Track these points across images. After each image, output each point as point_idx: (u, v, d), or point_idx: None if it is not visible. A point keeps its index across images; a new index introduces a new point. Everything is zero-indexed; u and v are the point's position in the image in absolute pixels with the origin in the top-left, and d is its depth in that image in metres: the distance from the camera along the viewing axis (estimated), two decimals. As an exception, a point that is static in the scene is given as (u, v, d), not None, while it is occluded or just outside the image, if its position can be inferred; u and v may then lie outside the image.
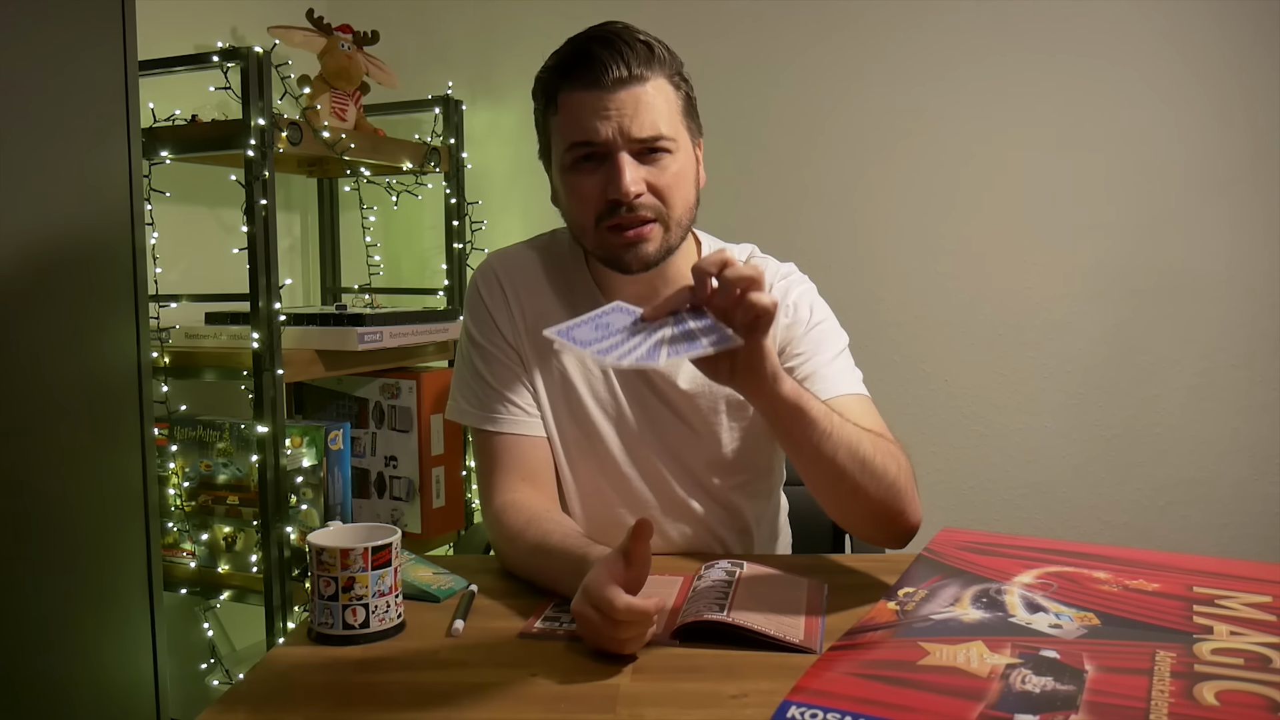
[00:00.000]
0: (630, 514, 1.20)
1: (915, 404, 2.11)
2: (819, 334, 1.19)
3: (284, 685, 0.83)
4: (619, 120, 1.06)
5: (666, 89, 1.10)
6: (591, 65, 1.06)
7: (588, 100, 1.07)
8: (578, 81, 1.07)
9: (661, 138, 1.08)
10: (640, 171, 1.08)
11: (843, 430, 0.99)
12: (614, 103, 1.06)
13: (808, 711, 0.68)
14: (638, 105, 1.07)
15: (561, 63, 1.10)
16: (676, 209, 1.11)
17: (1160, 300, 2.00)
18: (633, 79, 1.07)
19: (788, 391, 0.94)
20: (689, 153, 1.13)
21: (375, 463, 2.04)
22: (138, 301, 1.29)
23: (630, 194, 1.07)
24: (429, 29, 2.31)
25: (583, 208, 1.11)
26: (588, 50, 1.07)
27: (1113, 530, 2.04)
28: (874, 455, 1.01)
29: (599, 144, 1.07)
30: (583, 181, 1.10)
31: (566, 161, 1.10)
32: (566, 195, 1.13)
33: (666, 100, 1.09)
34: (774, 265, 1.25)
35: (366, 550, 0.89)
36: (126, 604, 1.28)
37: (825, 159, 2.12)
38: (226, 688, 1.55)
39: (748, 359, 0.91)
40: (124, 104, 1.26)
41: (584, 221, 1.12)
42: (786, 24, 2.11)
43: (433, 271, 2.33)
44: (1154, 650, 0.73)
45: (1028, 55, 2.01)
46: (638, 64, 1.07)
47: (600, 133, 1.06)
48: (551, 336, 0.85)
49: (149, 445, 1.31)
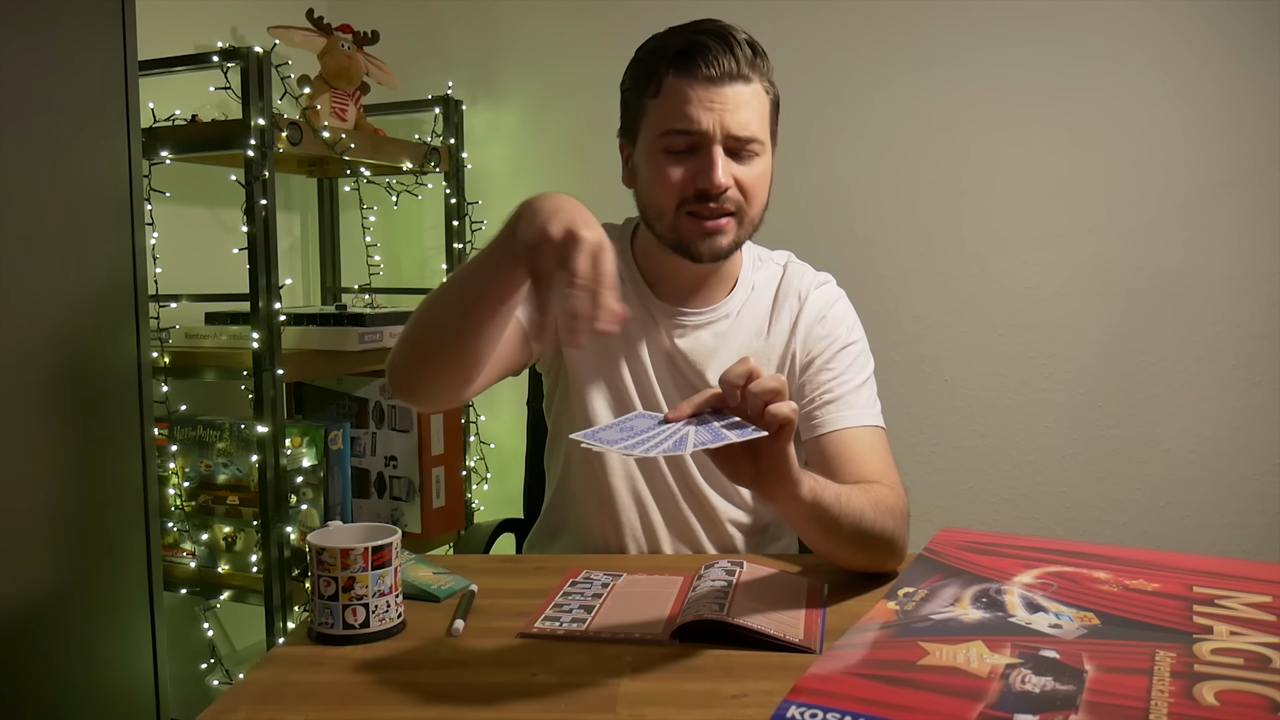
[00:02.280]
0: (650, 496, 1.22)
1: (915, 404, 2.11)
2: (852, 355, 1.22)
3: (284, 685, 0.83)
4: (721, 114, 1.10)
5: (762, 92, 1.14)
6: (703, 56, 1.10)
7: (696, 89, 1.10)
8: (685, 70, 1.10)
9: (754, 139, 1.12)
10: (730, 166, 1.12)
11: (849, 508, 1.00)
12: (720, 97, 1.10)
13: (807, 711, 0.68)
14: (740, 103, 1.10)
15: (672, 49, 1.12)
16: (754, 208, 1.16)
17: (1160, 300, 2.00)
18: (740, 77, 1.11)
19: (805, 493, 0.95)
20: (770, 156, 1.17)
21: (375, 463, 2.04)
22: (138, 301, 1.29)
23: (721, 186, 1.11)
24: (429, 29, 2.31)
25: (666, 191, 1.13)
26: (703, 42, 1.10)
27: (1113, 530, 2.04)
28: (874, 522, 1.02)
29: (697, 134, 1.10)
30: (672, 166, 1.12)
31: (659, 145, 1.13)
32: (651, 177, 1.15)
33: (761, 103, 1.14)
34: (810, 274, 1.28)
35: (366, 550, 0.89)
36: (126, 604, 1.28)
37: (824, 159, 2.12)
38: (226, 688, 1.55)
39: (771, 464, 0.91)
40: (124, 104, 1.26)
41: (664, 205, 1.14)
42: (785, 24, 2.11)
43: (433, 271, 2.33)
44: (1154, 650, 0.73)
45: (1027, 55, 2.01)
46: (745, 63, 1.11)
47: (702, 123, 1.10)
48: (578, 439, 0.86)
49: (149, 445, 1.31)
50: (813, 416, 1.17)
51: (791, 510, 0.97)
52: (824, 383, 1.19)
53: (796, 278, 1.26)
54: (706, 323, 1.22)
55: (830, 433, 1.15)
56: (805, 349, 1.22)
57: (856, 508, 1.00)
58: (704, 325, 1.22)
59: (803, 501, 0.95)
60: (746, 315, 1.23)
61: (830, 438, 1.15)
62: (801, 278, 1.26)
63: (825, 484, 0.99)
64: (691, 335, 1.22)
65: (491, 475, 2.25)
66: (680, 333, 1.22)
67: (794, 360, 1.22)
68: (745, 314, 1.23)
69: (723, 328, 1.22)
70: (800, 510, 0.96)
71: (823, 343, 1.21)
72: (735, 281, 1.25)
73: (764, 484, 0.93)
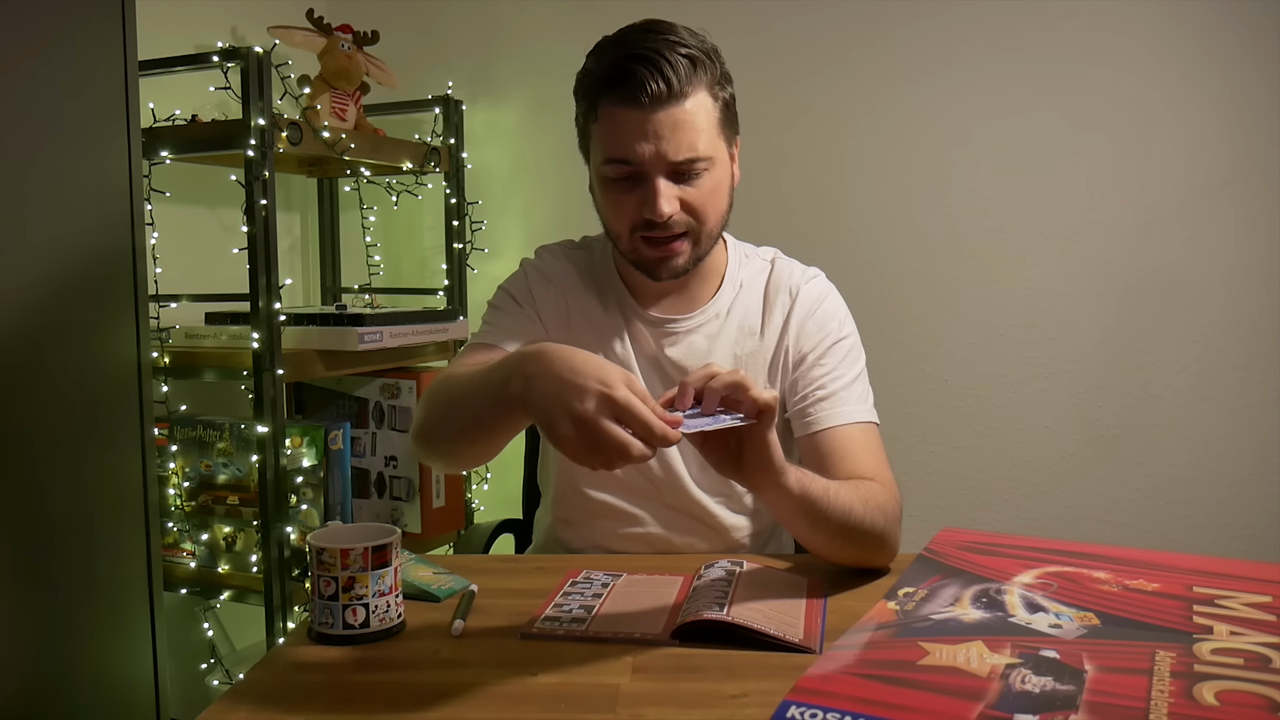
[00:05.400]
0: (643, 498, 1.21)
1: (915, 404, 2.11)
2: (844, 350, 1.21)
3: (284, 685, 0.83)
4: (657, 143, 1.07)
5: (706, 102, 1.10)
6: (630, 83, 1.06)
7: (628, 118, 1.07)
8: (617, 97, 1.08)
9: (699, 159, 1.09)
10: (674, 190, 1.10)
11: (837, 502, 1.00)
12: (652, 124, 1.06)
13: (807, 711, 0.68)
14: (676, 126, 1.07)
15: (603, 72, 1.09)
16: (708, 223, 1.14)
17: (1160, 300, 2.00)
18: (672, 97, 1.06)
19: (793, 484, 0.95)
20: (724, 163, 1.15)
21: (375, 463, 2.04)
22: (138, 301, 1.29)
23: (664, 215, 1.09)
24: (429, 29, 2.31)
25: (618, 218, 1.13)
26: (631, 68, 1.06)
27: (1113, 530, 2.04)
28: (864, 518, 1.02)
29: (637, 164, 1.08)
30: (619, 195, 1.12)
31: (605, 173, 1.12)
32: (604, 203, 1.16)
33: (706, 114, 1.10)
34: (800, 269, 1.27)
35: (366, 550, 0.89)
36: (126, 604, 1.28)
37: (824, 159, 2.12)
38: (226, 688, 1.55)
39: (754, 452, 0.92)
40: (124, 104, 1.26)
41: (619, 229, 1.14)
42: (784, 22, 2.11)
43: (433, 271, 2.33)
44: (1154, 650, 0.73)
45: (1026, 56, 2.01)
46: (678, 81, 1.06)
47: (638, 153, 1.08)
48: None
49: (149, 445, 1.31)
50: (806, 414, 1.17)
51: (779, 502, 0.97)
52: (817, 379, 1.18)
53: (786, 274, 1.25)
54: (696, 326, 1.22)
55: (823, 430, 1.15)
56: (798, 345, 1.21)
57: (845, 502, 1.00)
58: (695, 329, 1.22)
59: (790, 493, 0.95)
60: (737, 312, 1.23)
61: (823, 435, 1.15)
62: (791, 273, 1.25)
63: (814, 478, 0.99)
64: (684, 342, 1.22)
65: (491, 475, 2.25)
66: (670, 341, 1.22)
67: (787, 357, 1.21)
68: (735, 311, 1.23)
69: (714, 328, 1.22)
70: (788, 502, 0.96)
71: (815, 338, 1.20)
72: (721, 279, 1.24)
73: (750, 473, 0.94)
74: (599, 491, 1.23)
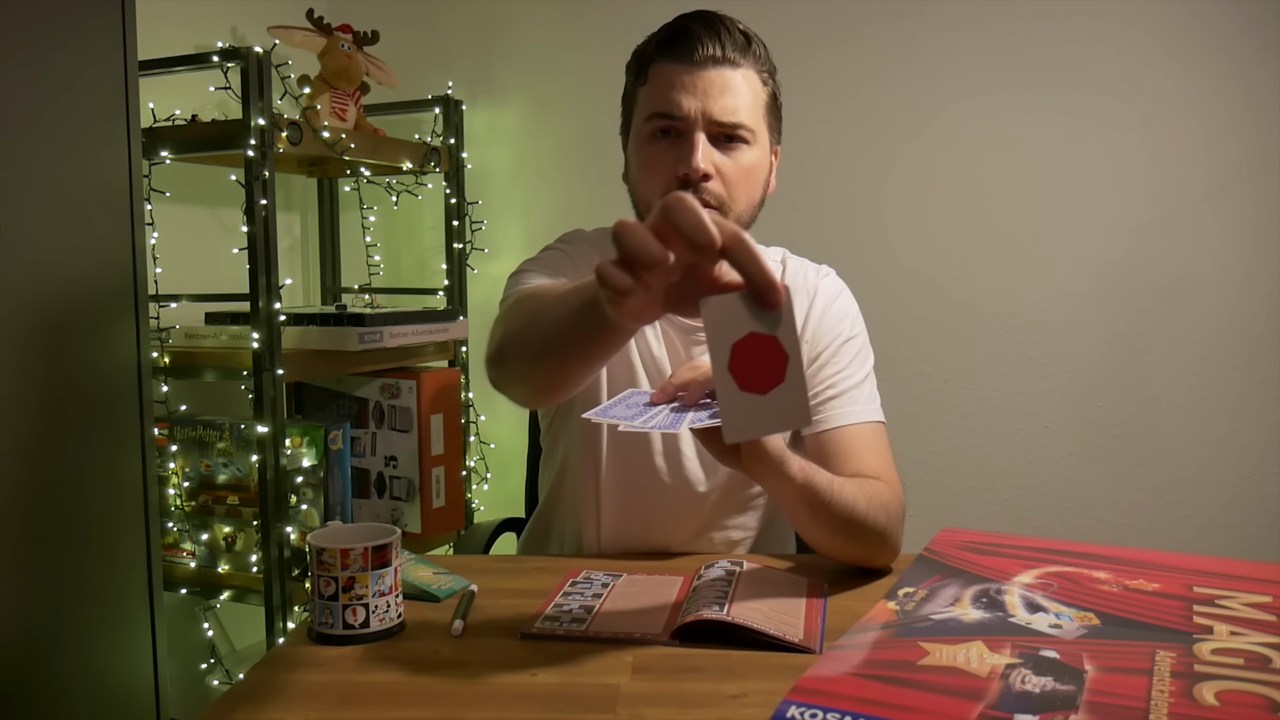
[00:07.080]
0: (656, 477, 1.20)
1: (915, 404, 2.11)
2: (854, 349, 1.21)
3: (284, 685, 0.83)
4: (704, 100, 1.07)
5: (755, 81, 1.11)
6: (687, 40, 1.07)
7: (677, 73, 1.08)
8: (670, 54, 1.09)
9: (741, 126, 1.09)
10: (713, 155, 1.08)
11: (841, 496, 1.00)
12: (702, 80, 1.07)
13: (807, 711, 0.68)
14: (724, 87, 1.07)
15: (661, 33, 1.11)
16: (739, 203, 1.11)
17: (1160, 300, 2.00)
18: (724, 60, 1.07)
19: (796, 472, 0.95)
20: (765, 151, 1.14)
21: (375, 463, 2.04)
22: (138, 301, 1.28)
23: (699, 171, 1.06)
24: (429, 29, 2.31)
25: (650, 180, 1.11)
26: (686, 26, 1.08)
27: (1113, 530, 2.04)
28: (866, 514, 1.01)
29: (679, 118, 1.08)
30: (656, 153, 1.10)
31: (644, 131, 1.11)
32: (637, 165, 1.14)
33: (753, 91, 1.10)
34: (813, 267, 1.27)
35: (366, 550, 0.89)
36: (126, 604, 1.28)
37: (824, 159, 2.12)
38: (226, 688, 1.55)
39: (750, 443, 0.91)
40: (124, 104, 1.26)
41: (648, 195, 1.12)
42: (788, 25, 2.11)
43: (433, 271, 2.33)
44: (1154, 650, 0.73)
45: (1026, 56, 2.01)
46: (732, 48, 1.08)
47: (683, 107, 1.07)
48: (590, 418, 0.89)
49: (149, 445, 1.31)
50: (815, 412, 1.17)
51: (782, 491, 0.97)
52: (827, 378, 1.18)
53: (800, 274, 1.25)
54: None
55: (832, 429, 1.15)
56: (813, 344, 1.21)
57: (849, 497, 1.00)
58: None
59: (793, 482, 0.95)
60: None
61: (832, 434, 1.15)
62: (805, 273, 1.25)
63: (818, 469, 0.99)
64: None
65: (491, 475, 2.25)
66: (703, 349, 1.19)
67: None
68: None
69: None
70: (792, 491, 0.96)
71: (828, 336, 1.20)
72: None
73: (750, 463, 0.94)
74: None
